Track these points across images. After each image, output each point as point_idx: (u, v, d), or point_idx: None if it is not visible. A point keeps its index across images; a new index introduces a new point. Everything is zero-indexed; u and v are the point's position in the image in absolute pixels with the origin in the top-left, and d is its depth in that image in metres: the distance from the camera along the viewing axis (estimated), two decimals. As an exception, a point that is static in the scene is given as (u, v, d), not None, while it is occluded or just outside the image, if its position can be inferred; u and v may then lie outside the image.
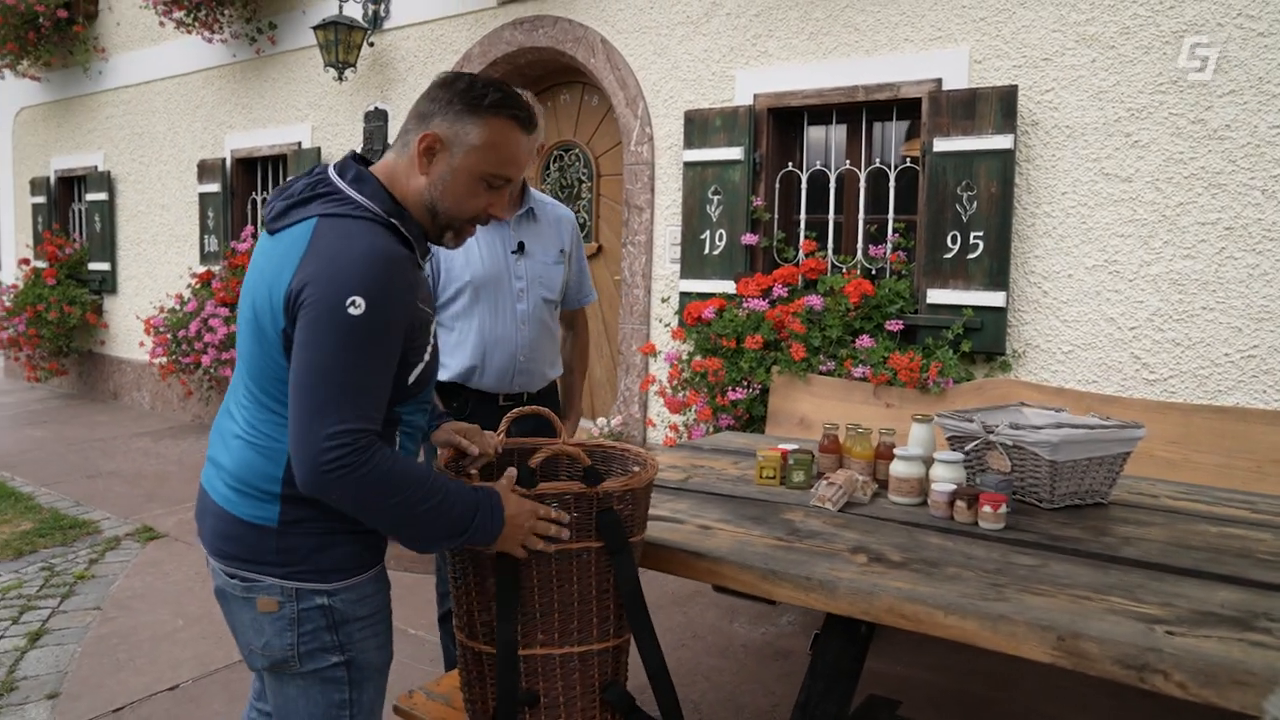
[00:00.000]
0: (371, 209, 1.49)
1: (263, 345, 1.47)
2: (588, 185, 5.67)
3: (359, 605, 1.56)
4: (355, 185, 1.51)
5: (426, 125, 1.52)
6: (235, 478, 1.52)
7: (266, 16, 6.80)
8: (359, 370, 1.39)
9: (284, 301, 1.42)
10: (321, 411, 1.36)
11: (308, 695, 1.55)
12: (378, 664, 1.62)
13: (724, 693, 3.07)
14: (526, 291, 2.56)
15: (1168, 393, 3.62)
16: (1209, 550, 2.00)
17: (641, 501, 1.74)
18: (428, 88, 1.56)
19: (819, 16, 4.42)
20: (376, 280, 1.39)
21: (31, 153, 9.35)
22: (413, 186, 1.54)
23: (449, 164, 1.53)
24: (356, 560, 1.56)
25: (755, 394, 4.22)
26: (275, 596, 1.51)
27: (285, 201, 1.52)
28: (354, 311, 1.37)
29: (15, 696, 3.03)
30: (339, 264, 1.40)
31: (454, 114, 1.51)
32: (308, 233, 1.45)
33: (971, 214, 3.92)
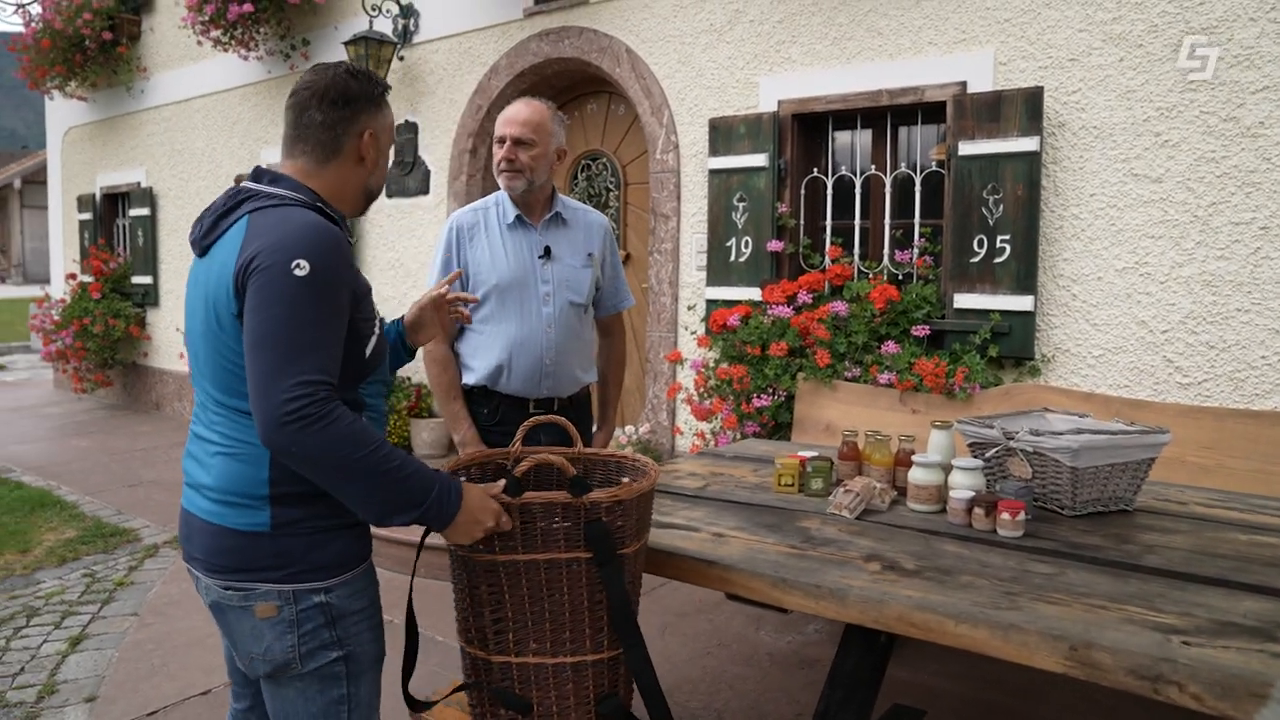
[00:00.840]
0: (297, 198, 1.58)
1: (221, 348, 1.52)
2: (615, 194, 5.69)
3: (354, 599, 1.60)
4: (273, 184, 1.60)
5: (356, 125, 1.64)
6: (221, 491, 1.54)
7: (300, 34, 6.93)
8: (312, 327, 1.44)
9: (233, 285, 1.48)
10: (279, 367, 1.41)
11: (306, 695, 1.58)
12: (373, 655, 1.65)
13: (748, 701, 3.06)
14: (553, 295, 2.58)
15: (1201, 397, 3.54)
16: (1237, 559, 1.96)
17: (633, 513, 1.72)
18: (322, 97, 1.62)
19: (842, 21, 4.40)
20: (318, 244, 1.48)
21: (79, 171, 9.61)
22: (353, 179, 1.67)
23: (378, 149, 1.69)
24: (350, 554, 1.60)
25: (781, 401, 4.20)
26: (273, 601, 1.53)
27: (211, 218, 1.60)
28: (300, 273, 1.44)
29: (55, 699, 3.11)
30: (280, 233, 1.48)
31: (373, 108, 1.66)
32: (243, 228, 1.53)
33: (998, 217, 3.88)
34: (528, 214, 2.62)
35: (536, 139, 2.52)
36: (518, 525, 1.65)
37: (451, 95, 6.08)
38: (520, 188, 2.55)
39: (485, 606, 1.72)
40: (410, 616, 1.74)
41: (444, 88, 6.12)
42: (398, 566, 4.39)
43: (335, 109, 1.62)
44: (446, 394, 2.62)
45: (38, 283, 19.75)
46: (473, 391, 2.63)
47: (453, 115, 6.07)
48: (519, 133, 2.51)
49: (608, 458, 2.06)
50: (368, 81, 1.66)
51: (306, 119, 1.63)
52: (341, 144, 1.64)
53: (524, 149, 2.51)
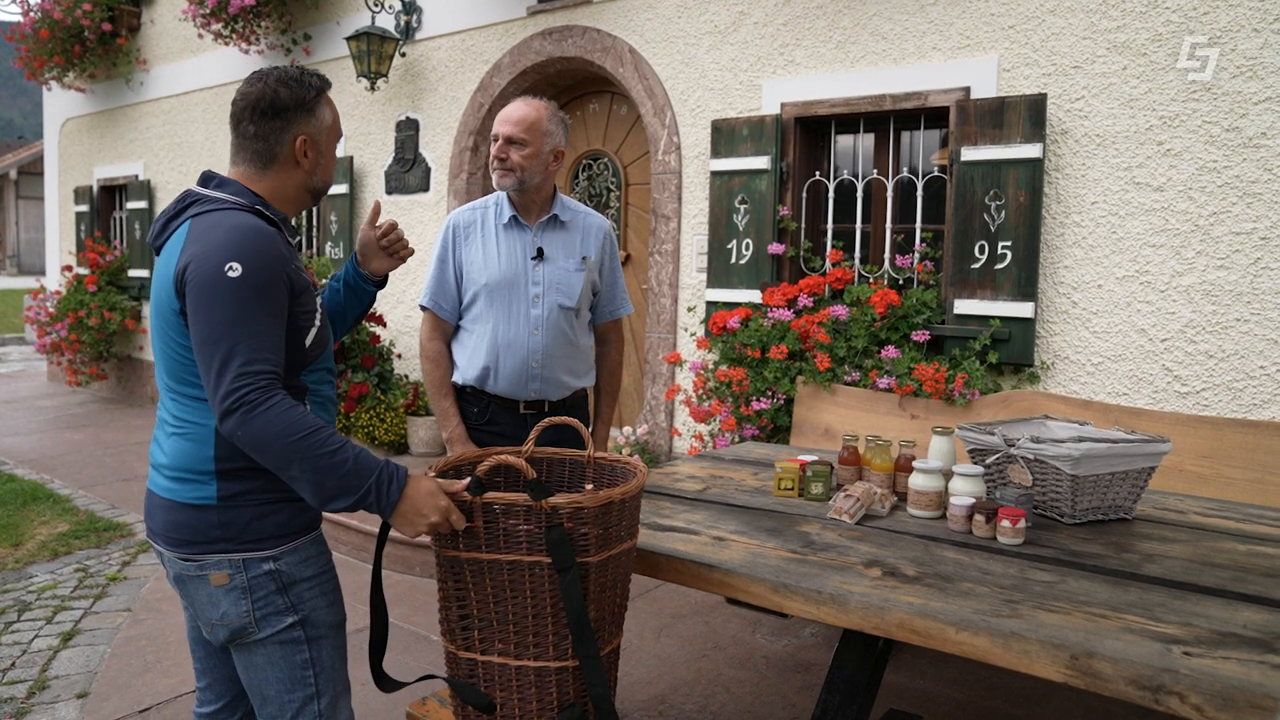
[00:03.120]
0: (237, 202, 1.67)
1: (168, 338, 1.64)
2: (616, 194, 5.69)
3: (304, 566, 1.70)
4: (218, 189, 1.69)
5: (288, 133, 1.71)
6: (173, 468, 1.66)
7: (301, 28, 6.92)
8: (250, 322, 1.54)
9: (174, 286, 1.59)
10: (224, 362, 1.51)
11: (272, 661, 1.68)
12: (330, 621, 1.74)
13: (743, 704, 3.06)
14: (542, 297, 2.57)
15: (1200, 406, 3.55)
16: (1235, 569, 1.96)
17: (599, 521, 1.70)
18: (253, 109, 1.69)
19: (846, 25, 4.40)
20: (248, 245, 1.57)
21: (76, 162, 9.59)
22: (292, 182, 1.75)
23: (318, 150, 1.76)
24: (294, 525, 1.69)
25: (780, 404, 4.20)
26: (225, 570, 1.64)
27: (162, 220, 1.71)
28: (233, 274, 1.54)
29: (46, 695, 3.10)
30: (213, 239, 1.58)
31: (304, 112, 1.72)
32: (184, 232, 1.63)
33: (1000, 223, 3.88)
34: (524, 214, 2.61)
35: (529, 138, 2.50)
36: (480, 524, 1.66)
37: (453, 93, 6.06)
38: (509, 185, 2.53)
39: (453, 602, 1.75)
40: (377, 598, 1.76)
41: (445, 85, 6.11)
42: (395, 566, 4.38)
43: (266, 120, 1.70)
44: (437, 391, 2.62)
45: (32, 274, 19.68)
46: (465, 391, 2.62)
47: (454, 113, 6.06)
48: (510, 131, 2.50)
49: (603, 461, 2.05)
50: (299, 87, 1.71)
51: (242, 130, 1.72)
52: (276, 152, 1.72)
53: (515, 148, 2.50)
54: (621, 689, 3.15)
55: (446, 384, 2.62)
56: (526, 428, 2.58)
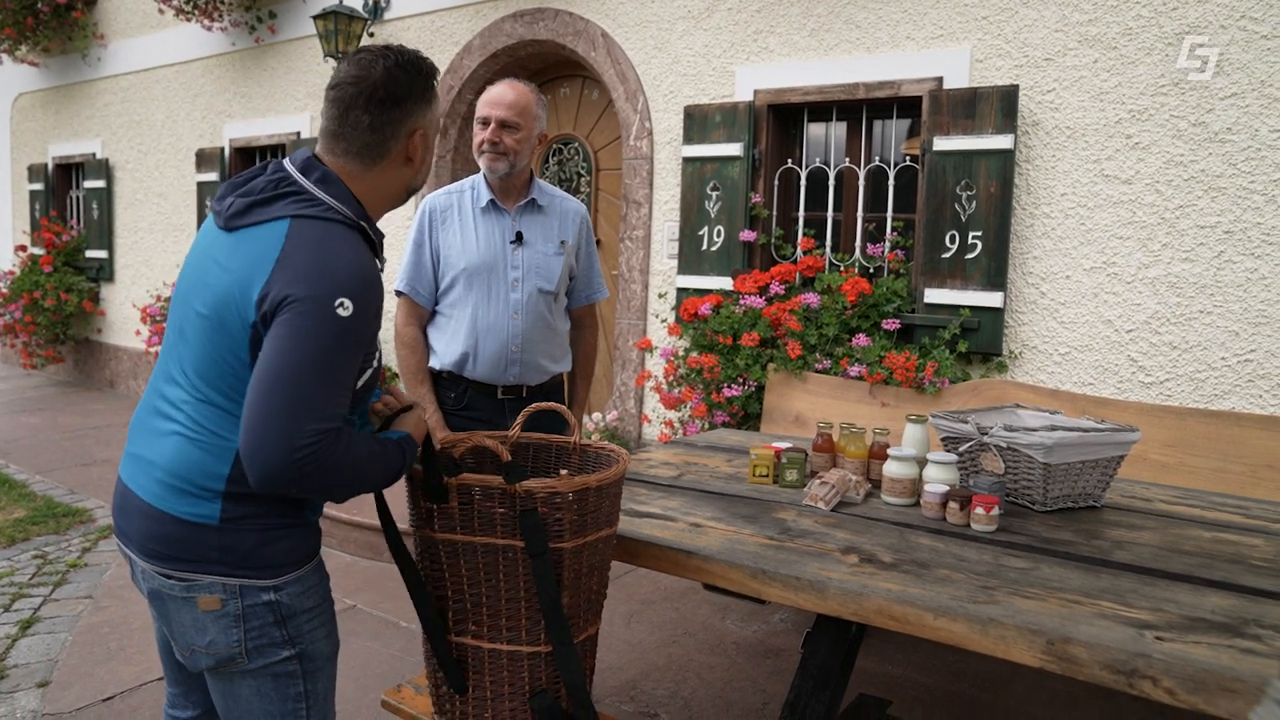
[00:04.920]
0: (342, 211, 1.49)
1: (222, 342, 1.43)
2: (586, 179, 5.65)
3: (305, 597, 1.54)
4: (321, 186, 1.49)
5: (406, 126, 1.54)
6: (173, 474, 1.46)
7: (266, 5, 6.78)
8: (341, 370, 1.40)
9: (258, 300, 1.39)
10: (301, 408, 1.35)
11: (261, 693, 1.52)
12: (327, 653, 1.60)
13: (714, 690, 3.07)
14: (521, 281, 2.55)
15: (1164, 396, 3.61)
16: (1201, 555, 2.00)
17: (574, 506, 1.68)
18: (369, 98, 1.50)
19: (820, 13, 4.40)
20: (363, 284, 1.42)
21: (29, 139, 9.33)
22: (397, 180, 1.59)
23: (427, 148, 1.61)
24: (299, 553, 1.53)
25: (751, 391, 4.21)
26: (218, 594, 1.46)
27: (246, 199, 1.48)
28: (343, 313, 1.38)
29: (6, 684, 3.03)
30: (327, 267, 1.40)
31: (423, 106, 1.56)
32: (281, 234, 1.43)
33: (970, 214, 3.91)
34: (503, 198, 2.58)
35: (521, 122, 2.48)
36: (455, 506, 1.66)
37: (422, 74, 5.97)
38: (502, 170, 2.51)
39: (430, 581, 1.74)
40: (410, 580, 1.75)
41: (415, 66, 6.01)
42: (361, 551, 4.34)
43: (384, 110, 1.51)
44: (413, 377, 2.59)
45: (-16, 253, 19.08)
46: (441, 376, 2.59)
47: (423, 94, 5.97)
48: (505, 115, 2.46)
49: (588, 448, 2.04)
50: (417, 74, 1.54)
51: (353, 119, 1.51)
52: (390, 147, 1.54)
53: (509, 132, 2.47)
54: (593, 675, 3.15)
55: (423, 370, 2.59)
56: (504, 413, 2.57)
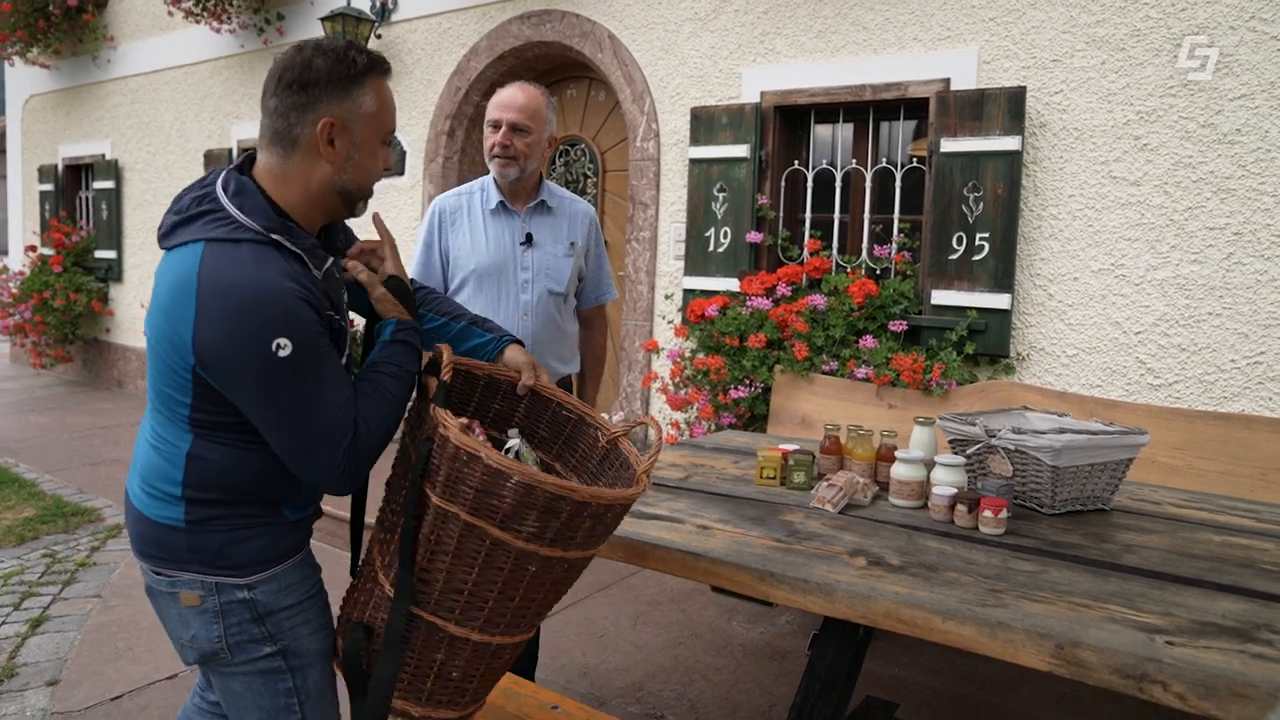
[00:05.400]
0: (252, 228, 1.39)
1: (165, 369, 1.44)
2: (593, 180, 5.66)
3: (282, 595, 1.53)
4: (236, 200, 1.41)
5: (312, 113, 1.43)
6: (145, 480, 1.52)
7: (274, 7, 6.79)
8: (321, 394, 1.41)
9: (193, 347, 1.36)
10: (317, 444, 1.42)
11: (252, 690, 1.54)
12: (315, 649, 1.59)
13: (721, 691, 3.07)
14: (531, 283, 2.56)
15: (1172, 398, 3.60)
16: (1211, 559, 1.99)
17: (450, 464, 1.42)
18: (279, 80, 1.44)
19: (827, 15, 4.39)
20: (284, 313, 1.36)
21: (40, 140, 9.37)
22: (316, 178, 1.47)
23: (351, 142, 1.47)
24: (271, 552, 1.53)
25: (757, 393, 4.21)
26: (196, 590, 1.49)
27: (174, 217, 1.44)
28: (284, 354, 1.35)
29: (15, 683, 3.04)
30: (243, 308, 1.34)
31: (337, 93, 1.44)
32: (195, 262, 1.37)
33: (978, 215, 3.91)
34: (512, 200, 2.59)
35: (532, 126, 2.49)
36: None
37: (429, 76, 5.99)
38: (513, 176, 2.52)
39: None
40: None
41: (422, 68, 6.03)
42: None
43: (290, 93, 1.42)
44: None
45: (-6, 254, 19.19)
46: None
47: (430, 96, 5.99)
48: (516, 119, 2.47)
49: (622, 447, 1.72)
50: (337, 63, 1.43)
51: (267, 105, 1.45)
52: (297, 135, 1.44)
53: (520, 135, 2.48)
54: (598, 676, 3.16)
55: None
56: None
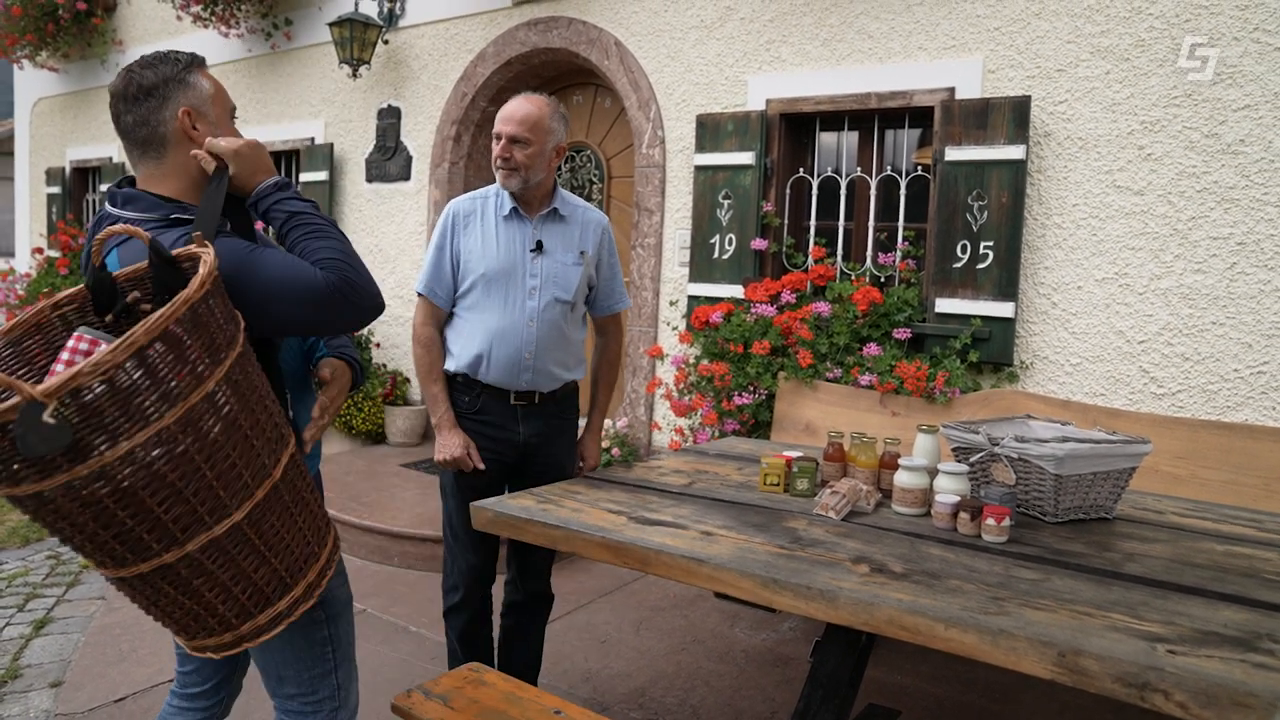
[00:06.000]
0: (148, 219, 1.56)
1: None
2: (599, 186, 5.67)
3: None
4: (129, 207, 1.58)
5: (167, 109, 1.60)
6: None
7: (283, 12, 6.83)
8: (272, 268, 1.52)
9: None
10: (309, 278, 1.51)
11: (292, 641, 1.70)
12: (344, 599, 1.79)
13: (723, 698, 3.07)
14: (539, 290, 2.57)
15: (1176, 408, 3.60)
16: (1214, 569, 1.99)
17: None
18: (123, 97, 1.61)
19: (833, 23, 4.41)
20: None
21: (47, 143, 9.41)
22: (194, 164, 1.62)
23: (209, 122, 1.64)
24: None
25: (761, 399, 4.22)
26: None
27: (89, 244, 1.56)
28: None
29: (19, 684, 3.05)
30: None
31: (178, 87, 1.61)
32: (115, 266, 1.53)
33: (982, 224, 3.92)
34: (525, 207, 2.61)
35: (532, 137, 2.50)
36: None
37: (436, 81, 6.02)
38: (515, 186, 2.53)
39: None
40: None
41: (429, 73, 6.06)
42: (373, 556, 4.36)
43: (138, 103, 1.60)
44: (427, 375, 2.62)
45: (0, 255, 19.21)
46: (456, 379, 2.62)
47: (437, 102, 6.02)
48: (514, 131, 2.49)
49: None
50: (161, 64, 1.62)
51: (123, 126, 1.62)
52: (163, 133, 1.61)
53: (519, 147, 2.50)
54: (601, 681, 3.16)
55: (437, 369, 2.62)
56: (516, 418, 2.60)
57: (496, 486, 2.65)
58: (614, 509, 2.28)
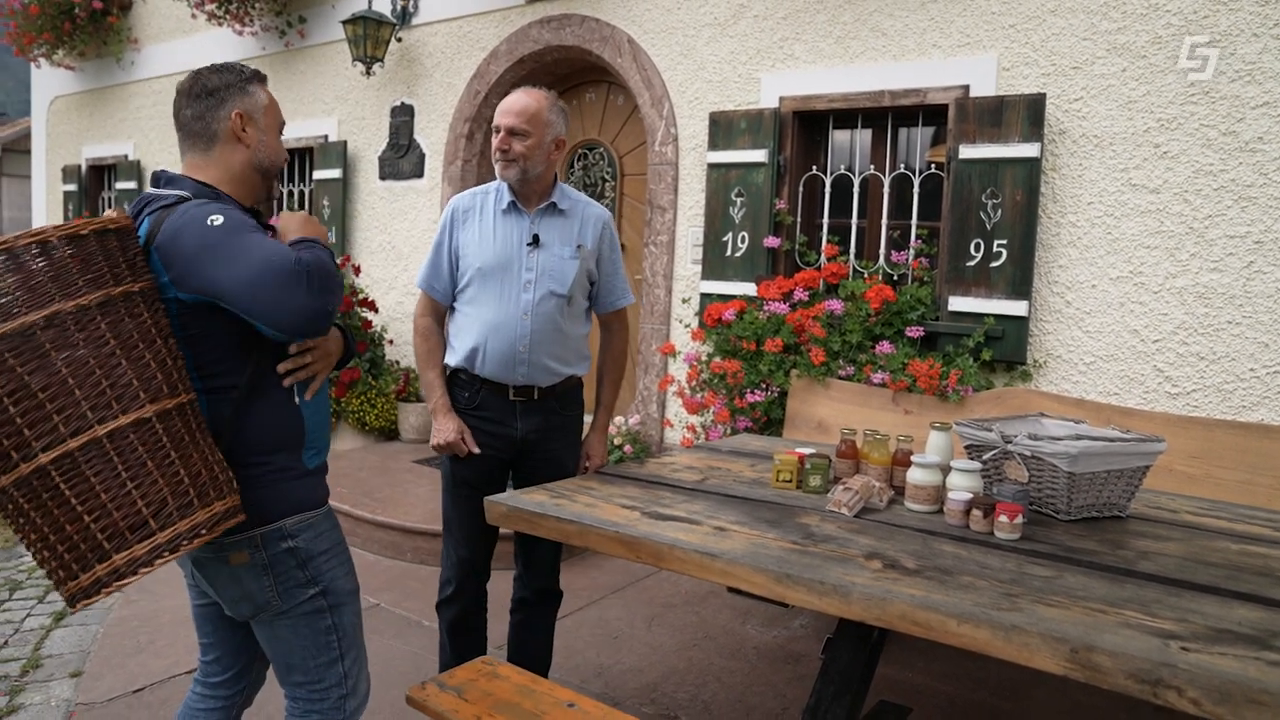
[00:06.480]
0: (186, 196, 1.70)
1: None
2: (611, 184, 5.68)
3: (318, 541, 1.79)
4: (169, 186, 1.73)
5: (223, 109, 1.76)
6: None
7: (296, 10, 6.86)
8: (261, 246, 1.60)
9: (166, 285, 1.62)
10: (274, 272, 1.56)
11: (297, 630, 1.78)
12: (349, 589, 1.85)
13: (734, 694, 3.08)
14: (534, 283, 2.57)
15: (1190, 407, 3.59)
16: (1228, 567, 1.99)
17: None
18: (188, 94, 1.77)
19: (847, 21, 4.41)
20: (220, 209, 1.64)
21: (64, 141, 9.48)
22: (237, 160, 1.79)
23: (259, 129, 1.81)
24: (305, 499, 1.78)
25: (774, 397, 4.22)
26: (244, 549, 1.71)
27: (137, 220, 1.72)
28: (218, 221, 1.60)
29: (40, 673, 3.09)
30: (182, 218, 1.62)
31: (237, 93, 1.78)
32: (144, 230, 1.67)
33: (996, 222, 3.91)
34: (524, 202, 2.61)
35: (531, 129, 2.50)
36: None
37: (449, 79, 6.04)
38: (513, 177, 2.54)
39: None
40: None
41: (442, 71, 6.08)
42: (386, 551, 4.39)
43: (199, 101, 1.76)
44: (425, 362, 2.65)
45: (17, 252, 19.31)
46: (456, 375, 2.63)
47: (450, 99, 6.04)
48: (513, 123, 2.50)
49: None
50: (229, 73, 1.79)
51: (181, 119, 1.78)
52: (215, 130, 1.76)
53: (518, 139, 2.51)
54: (612, 677, 3.17)
55: (434, 356, 2.64)
56: (515, 413, 2.60)
57: (494, 482, 2.65)
58: (627, 504, 2.29)
